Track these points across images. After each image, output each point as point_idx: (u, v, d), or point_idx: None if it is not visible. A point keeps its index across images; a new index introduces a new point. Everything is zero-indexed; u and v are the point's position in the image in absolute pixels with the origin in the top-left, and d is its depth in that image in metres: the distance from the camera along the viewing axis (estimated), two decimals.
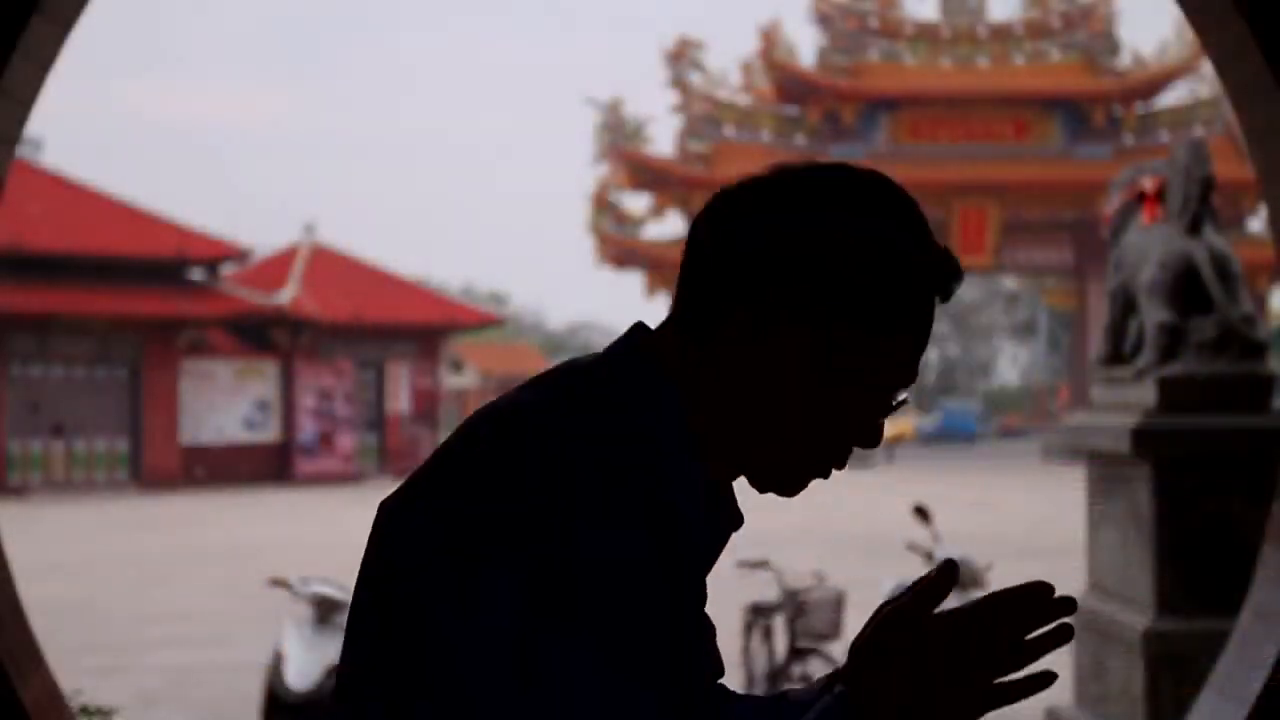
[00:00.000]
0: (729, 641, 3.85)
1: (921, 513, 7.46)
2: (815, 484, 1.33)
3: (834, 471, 1.32)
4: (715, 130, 38.23)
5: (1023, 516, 21.78)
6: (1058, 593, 1.26)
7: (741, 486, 1.35)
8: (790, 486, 1.32)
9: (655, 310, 37.53)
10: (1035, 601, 1.26)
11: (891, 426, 48.45)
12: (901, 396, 1.31)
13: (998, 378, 72.87)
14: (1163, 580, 6.52)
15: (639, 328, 1.34)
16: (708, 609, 1.34)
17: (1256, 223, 35.70)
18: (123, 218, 32.38)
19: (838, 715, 1.27)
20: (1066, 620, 1.26)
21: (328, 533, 20.35)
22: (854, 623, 8.10)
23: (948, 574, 1.25)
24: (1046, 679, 1.27)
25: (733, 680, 4.01)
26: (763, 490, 1.33)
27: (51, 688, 3.78)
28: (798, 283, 1.26)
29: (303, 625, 6.78)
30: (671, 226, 42.49)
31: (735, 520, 1.34)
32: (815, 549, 15.77)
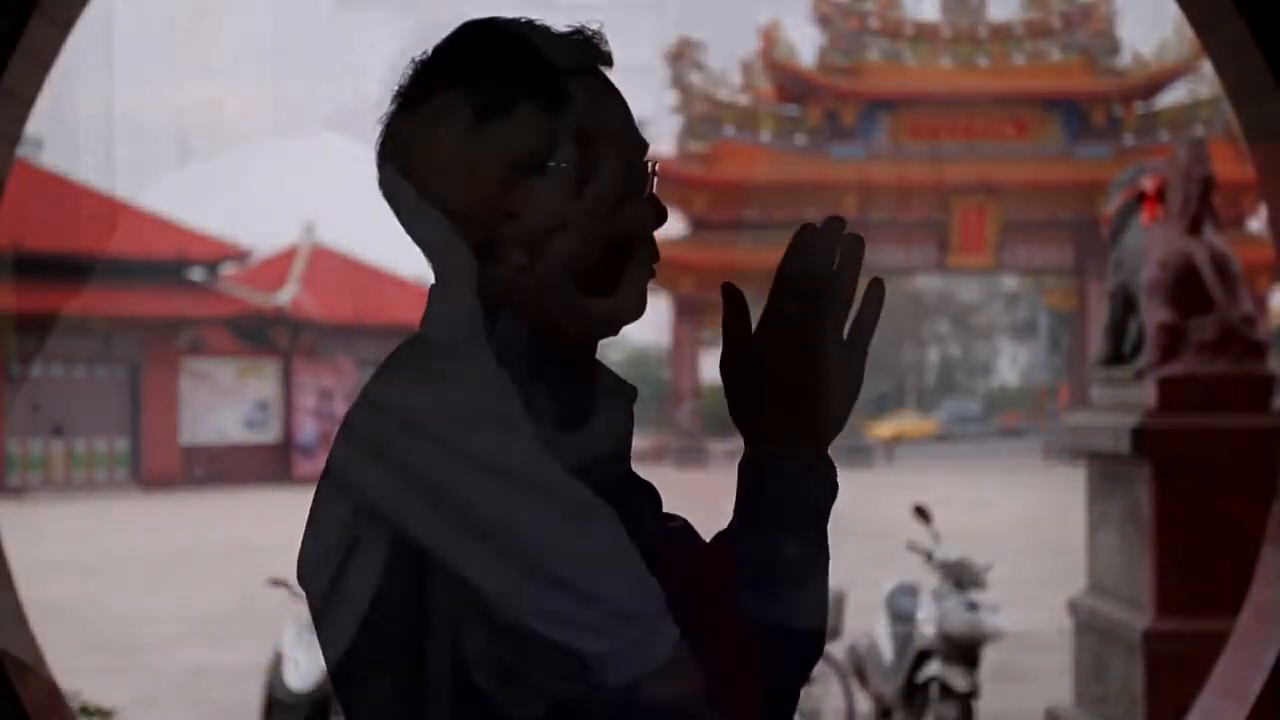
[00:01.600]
0: None
1: (921, 513, 7.46)
2: None
3: (656, 266, 1.34)
4: (715, 130, 38.15)
5: (1023, 516, 21.77)
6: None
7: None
8: (633, 309, 1.33)
9: (654, 309, 37.47)
10: (813, 241, 1.26)
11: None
12: (652, 165, 1.33)
13: (998, 378, 72.76)
14: (1163, 580, 6.52)
15: (430, 288, 1.35)
16: None
17: (1256, 223, 35.69)
18: (123, 218, 32.37)
19: (752, 472, 1.27)
20: (851, 234, 1.26)
21: None
22: (854, 623, 8.11)
23: (731, 295, 1.27)
24: (878, 285, 1.28)
25: None
26: (616, 329, 1.33)
27: (51, 688, 3.78)
28: (484, 158, 1.27)
29: (303, 625, 6.77)
30: (672, 225, 42.48)
31: (629, 391, 1.35)
32: None
